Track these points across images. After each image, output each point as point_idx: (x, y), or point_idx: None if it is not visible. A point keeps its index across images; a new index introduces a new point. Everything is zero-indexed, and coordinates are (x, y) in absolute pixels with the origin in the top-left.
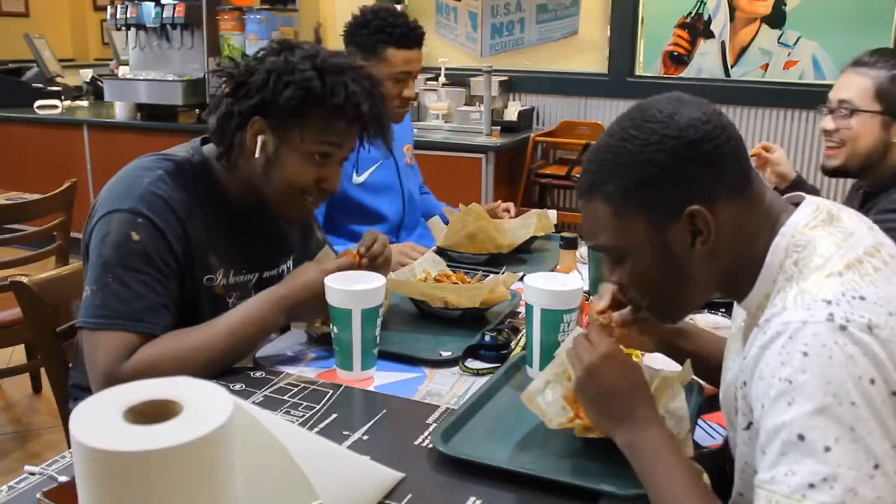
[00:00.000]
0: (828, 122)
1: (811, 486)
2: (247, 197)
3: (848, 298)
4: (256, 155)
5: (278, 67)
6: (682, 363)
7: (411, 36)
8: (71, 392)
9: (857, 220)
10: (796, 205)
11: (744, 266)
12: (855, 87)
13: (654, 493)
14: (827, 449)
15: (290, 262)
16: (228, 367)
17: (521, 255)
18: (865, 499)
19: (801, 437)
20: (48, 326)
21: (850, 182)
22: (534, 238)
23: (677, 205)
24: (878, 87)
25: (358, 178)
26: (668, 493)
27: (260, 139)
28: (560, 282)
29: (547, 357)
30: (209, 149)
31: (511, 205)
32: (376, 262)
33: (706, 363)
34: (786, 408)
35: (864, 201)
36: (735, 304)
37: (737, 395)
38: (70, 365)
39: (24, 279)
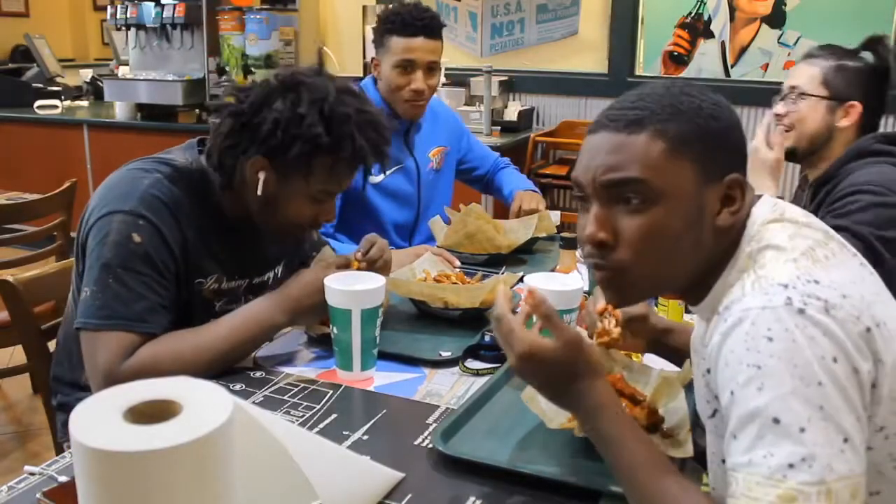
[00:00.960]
0: (779, 107)
1: (791, 466)
2: (241, 211)
3: (803, 282)
4: (259, 193)
5: (286, 117)
6: (672, 360)
7: (414, 25)
8: (52, 387)
9: (805, 215)
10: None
11: (717, 260)
12: (804, 75)
13: (617, 478)
14: (802, 430)
15: (279, 268)
16: (229, 367)
17: (522, 256)
18: (840, 473)
19: (776, 421)
20: (34, 325)
21: (796, 179)
22: (535, 239)
23: (724, 168)
24: (825, 75)
25: (375, 178)
26: (627, 475)
27: (262, 176)
28: (560, 282)
29: None
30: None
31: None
32: (375, 267)
33: None
34: (756, 393)
35: (813, 195)
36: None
37: (700, 384)
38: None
39: (10, 278)
